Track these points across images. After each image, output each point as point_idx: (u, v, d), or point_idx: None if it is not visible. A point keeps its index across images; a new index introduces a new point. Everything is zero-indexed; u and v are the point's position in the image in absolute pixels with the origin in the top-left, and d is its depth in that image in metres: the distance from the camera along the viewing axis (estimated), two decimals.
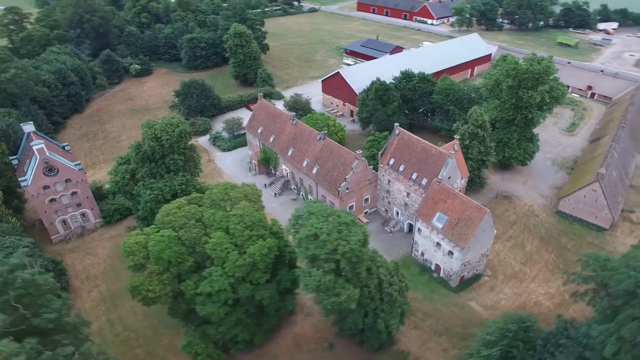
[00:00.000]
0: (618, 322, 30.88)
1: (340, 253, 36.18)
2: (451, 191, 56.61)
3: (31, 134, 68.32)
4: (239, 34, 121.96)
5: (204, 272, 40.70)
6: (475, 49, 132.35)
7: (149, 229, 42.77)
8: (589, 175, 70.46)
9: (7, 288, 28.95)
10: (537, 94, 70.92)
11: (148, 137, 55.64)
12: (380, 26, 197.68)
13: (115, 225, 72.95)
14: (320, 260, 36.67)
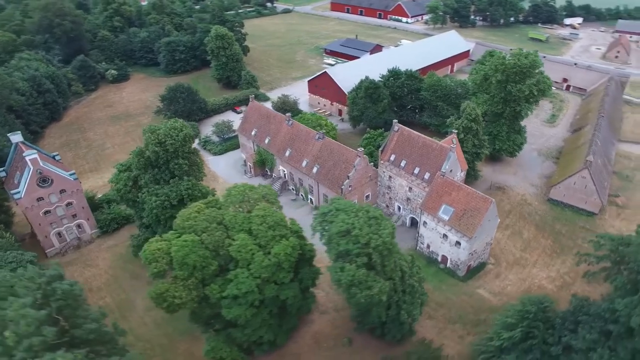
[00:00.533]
0: None
1: (373, 247, 37.26)
2: (456, 184, 58.76)
3: (20, 144, 66.01)
4: (220, 36, 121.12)
5: (228, 274, 40.81)
6: (454, 45, 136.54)
7: (169, 234, 42.47)
8: (577, 164, 74.49)
9: (49, 300, 28.32)
10: (525, 87, 74.39)
11: (151, 143, 54.81)
12: (356, 25, 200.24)
13: (112, 235, 71.45)
14: (352, 255, 37.62)
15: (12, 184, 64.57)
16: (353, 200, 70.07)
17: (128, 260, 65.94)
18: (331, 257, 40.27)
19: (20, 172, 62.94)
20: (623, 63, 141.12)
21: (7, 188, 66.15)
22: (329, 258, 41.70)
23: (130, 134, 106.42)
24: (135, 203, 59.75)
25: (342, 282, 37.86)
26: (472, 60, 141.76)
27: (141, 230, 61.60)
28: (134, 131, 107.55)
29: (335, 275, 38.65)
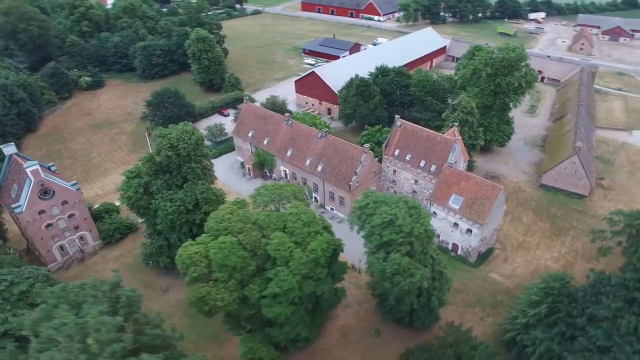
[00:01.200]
0: None
1: (415, 235, 39.03)
2: (464, 173, 61.66)
3: (14, 156, 63.52)
4: (201, 39, 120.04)
5: (268, 273, 41.44)
6: (431, 42, 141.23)
7: (203, 237, 42.54)
8: (565, 150, 79.47)
9: (116, 307, 28.11)
10: (514, 80, 78.67)
11: (164, 147, 54.32)
12: (330, 25, 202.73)
13: (116, 246, 69.89)
14: (395, 245, 39.20)
15: (9, 197, 62.11)
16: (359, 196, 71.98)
17: (138, 270, 64.82)
18: (371, 249, 41.66)
19: (19, 184, 60.63)
20: (588, 54, 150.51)
21: (2, 203, 63.50)
22: (366, 250, 43.12)
23: (115, 141, 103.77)
24: (147, 210, 58.87)
25: (387, 271, 39.35)
26: (449, 56, 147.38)
27: (153, 238, 60.67)
28: (119, 139, 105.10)
29: (378, 266, 40.09)
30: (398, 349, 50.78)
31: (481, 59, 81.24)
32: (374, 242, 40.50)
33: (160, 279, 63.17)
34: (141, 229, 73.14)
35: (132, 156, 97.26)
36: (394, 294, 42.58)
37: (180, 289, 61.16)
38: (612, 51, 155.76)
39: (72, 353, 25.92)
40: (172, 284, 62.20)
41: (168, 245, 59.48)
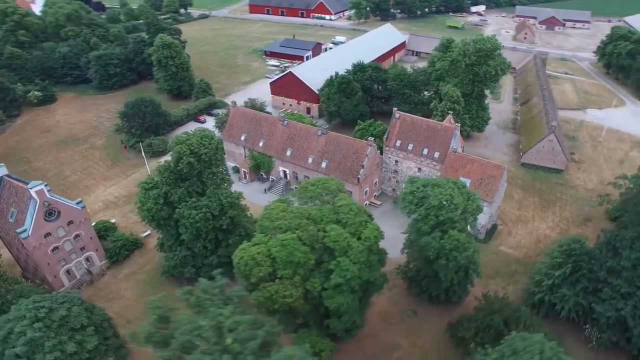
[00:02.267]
0: None
1: (470, 211, 42.71)
2: (468, 157, 66.93)
3: (5, 179, 59.59)
4: (167, 45, 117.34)
5: (328, 265, 43.22)
6: (392, 38, 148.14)
7: (260, 237, 43.31)
8: (540, 130, 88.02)
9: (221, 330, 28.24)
10: (491, 68, 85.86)
11: (185, 154, 53.92)
12: (283, 26, 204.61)
13: (124, 263, 67.54)
14: (450, 223, 42.65)
15: (5, 223, 58.19)
16: (366, 189, 75.35)
17: (156, 285, 63.16)
18: (425, 230, 44.73)
19: (19, 207, 57.05)
20: (531, 43, 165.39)
21: None
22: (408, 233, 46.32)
23: (89, 158, 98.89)
24: (166, 221, 57.88)
25: (446, 247, 42.78)
26: (408, 50, 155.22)
27: (174, 250, 59.62)
28: (92, 154, 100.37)
29: (436, 244, 43.37)
30: (438, 326, 54.58)
31: (459, 50, 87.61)
32: (429, 223, 43.69)
33: (174, 284, 62.07)
34: (147, 244, 71.43)
35: (113, 171, 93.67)
36: (448, 269, 46.14)
37: None
38: (550, 39, 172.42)
39: (214, 355, 26.40)
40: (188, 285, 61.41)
41: (192, 255, 58.89)
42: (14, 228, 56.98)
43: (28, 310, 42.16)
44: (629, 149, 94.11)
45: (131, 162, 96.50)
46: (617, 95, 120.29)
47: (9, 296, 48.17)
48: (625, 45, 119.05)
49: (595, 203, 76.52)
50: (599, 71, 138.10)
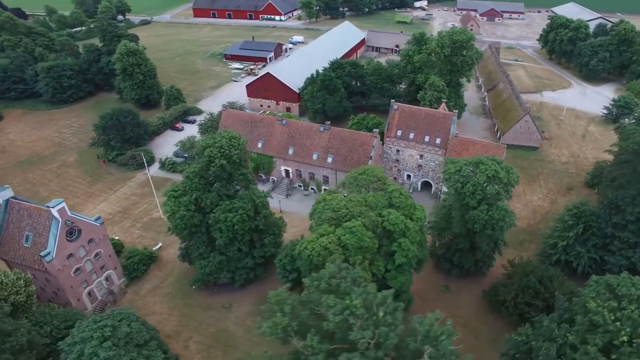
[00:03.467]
0: None
1: (511, 183, 47.71)
2: (470, 140, 72.98)
3: (11, 201, 56.08)
4: (132, 53, 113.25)
5: (389, 248, 46.21)
6: (353, 35, 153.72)
7: (326, 227, 45.18)
8: (514, 112, 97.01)
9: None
10: (468, 58, 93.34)
11: (216, 157, 54.14)
12: (234, 29, 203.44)
13: (143, 279, 65.76)
14: (495, 195, 47.48)
15: (19, 248, 54.79)
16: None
17: (185, 297, 62.54)
18: (472, 204, 49.02)
19: (35, 230, 53.99)
20: (477, 34, 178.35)
21: (7, 257, 55.59)
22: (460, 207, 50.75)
23: (64, 176, 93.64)
24: (198, 228, 57.57)
25: (495, 218, 47.53)
26: (368, 47, 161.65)
27: (206, 256, 59.27)
28: (66, 172, 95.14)
29: (484, 216, 47.90)
30: (472, 296, 59.65)
31: (437, 43, 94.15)
32: (476, 197, 48.12)
33: (216, 298, 62.05)
34: (162, 257, 69.91)
35: (97, 187, 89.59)
36: (491, 239, 51.03)
37: (241, 301, 61.54)
38: (493, 30, 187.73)
39: (369, 329, 28.34)
40: (230, 299, 61.71)
41: (227, 260, 59.05)
42: (31, 252, 53.95)
43: (93, 330, 40.92)
44: (586, 125, 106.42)
45: (115, 176, 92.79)
46: (564, 78, 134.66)
47: (56, 321, 45.97)
48: (566, 33, 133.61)
49: (573, 174, 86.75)
50: (543, 57, 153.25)
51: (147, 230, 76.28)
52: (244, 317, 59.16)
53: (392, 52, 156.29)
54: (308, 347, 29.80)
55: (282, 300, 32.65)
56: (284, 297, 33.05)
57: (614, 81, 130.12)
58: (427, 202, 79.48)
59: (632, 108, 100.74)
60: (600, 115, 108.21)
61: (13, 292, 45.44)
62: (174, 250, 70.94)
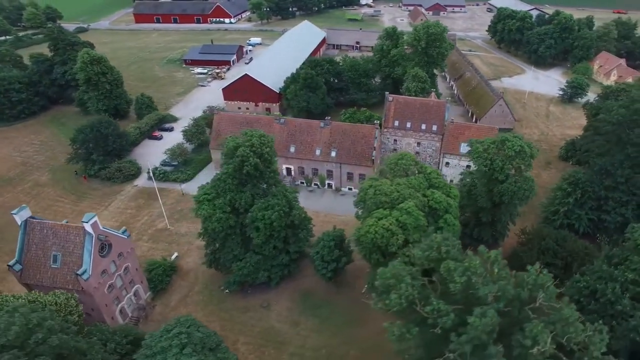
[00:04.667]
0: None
1: (533, 156, 53.51)
2: (465, 124, 79.14)
3: (30, 221, 53.17)
4: (96, 61, 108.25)
5: (439, 223, 49.95)
6: (314, 34, 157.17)
7: (381, 211, 47.82)
8: (486, 98, 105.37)
9: None
10: (443, 49, 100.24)
11: (250, 156, 54.84)
12: (183, 33, 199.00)
13: (168, 291, 64.39)
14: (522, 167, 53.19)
15: (47, 269, 52.06)
16: (375, 169, 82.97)
17: (218, 302, 62.39)
18: (501, 178, 53.98)
19: (64, 249, 51.56)
20: None
21: (31, 280, 52.57)
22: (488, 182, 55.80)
23: (41, 196, 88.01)
24: (233, 229, 57.80)
25: (522, 188, 53.11)
26: (329, 45, 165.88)
27: (243, 256, 59.49)
28: (44, 192, 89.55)
29: (512, 188, 53.23)
30: None
31: (415, 36, 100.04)
32: (505, 172, 53.35)
33: (251, 299, 62.43)
34: (180, 266, 68.65)
35: (84, 205, 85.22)
36: (516, 210, 56.85)
37: (277, 299, 62.59)
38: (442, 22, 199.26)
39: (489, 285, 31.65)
40: (266, 298, 62.46)
41: (263, 259, 59.80)
42: (62, 272, 51.52)
43: (170, 339, 40.65)
44: (547, 105, 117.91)
45: (101, 191, 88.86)
46: (516, 64, 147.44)
47: (117, 337, 44.70)
48: (514, 23, 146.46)
49: (547, 150, 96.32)
50: (492, 46, 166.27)
51: (156, 242, 74.34)
52: (285, 313, 60.25)
53: (353, 49, 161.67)
54: (434, 310, 32.51)
55: (398, 274, 35.10)
56: (398, 270, 35.49)
57: (559, 65, 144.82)
58: None
59: (584, 88, 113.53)
60: (557, 96, 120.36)
61: (67, 313, 43.60)
62: (193, 259, 70.39)
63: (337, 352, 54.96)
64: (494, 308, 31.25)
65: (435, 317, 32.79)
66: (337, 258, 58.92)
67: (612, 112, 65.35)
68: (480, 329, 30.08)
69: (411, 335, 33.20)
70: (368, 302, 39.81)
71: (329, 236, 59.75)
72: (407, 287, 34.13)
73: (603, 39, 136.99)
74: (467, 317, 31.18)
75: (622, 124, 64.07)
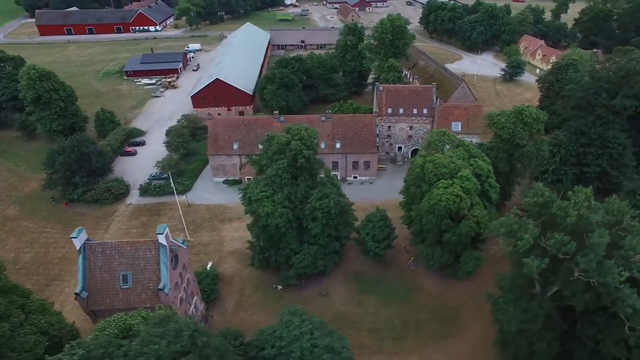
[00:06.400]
0: None
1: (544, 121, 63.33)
2: (453, 105, 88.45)
3: (88, 244, 50.64)
4: (45, 77, 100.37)
5: (485, 187, 57.35)
6: (261, 35, 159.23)
7: (444, 181, 53.70)
8: (447, 83, 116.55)
9: None
10: (407, 40, 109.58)
11: (302, 149, 57.53)
12: (107, 44, 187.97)
13: (218, 299, 64.20)
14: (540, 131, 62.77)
15: (115, 291, 50.06)
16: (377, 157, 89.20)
17: (276, 300, 63.68)
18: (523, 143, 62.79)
19: (134, 267, 49.97)
20: (358, 23, 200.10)
21: (104, 306, 50.18)
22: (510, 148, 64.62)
23: (20, 231, 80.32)
24: (290, 223, 59.82)
25: (542, 149, 62.69)
26: (274, 45, 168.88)
27: (299, 249, 61.52)
28: (23, 226, 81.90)
29: (532, 150, 62.46)
30: None
31: (383, 29, 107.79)
32: (525, 137, 62.53)
33: (306, 291, 64.79)
34: (223, 273, 68.45)
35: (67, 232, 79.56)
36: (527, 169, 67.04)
37: (332, 285, 65.90)
38: (370, 18, 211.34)
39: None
40: (321, 287, 65.27)
41: (319, 248, 62.47)
42: (136, 292, 49.92)
43: (297, 327, 43.15)
44: (493, 85, 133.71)
45: (90, 215, 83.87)
46: (452, 51, 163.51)
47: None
48: (446, 13, 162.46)
49: None
50: (425, 36, 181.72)
51: None
52: (346, 297, 63.76)
53: (298, 48, 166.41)
54: (556, 242, 38.93)
55: (519, 221, 41.37)
56: (513, 219, 41.68)
57: (490, 49, 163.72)
58: None
59: (522, 67, 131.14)
60: (499, 76, 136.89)
61: None
62: (230, 264, 70.67)
63: (409, 319, 60.05)
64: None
65: (557, 247, 39.42)
66: (387, 236, 63.93)
67: (580, 82, 78.61)
68: (601, 246, 37.49)
69: (545, 265, 39.51)
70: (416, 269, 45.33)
71: (377, 217, 64.52)
72: (533, 227, 40.55)
73: (522, 24, 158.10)
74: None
75: (588, 90, 77.47)
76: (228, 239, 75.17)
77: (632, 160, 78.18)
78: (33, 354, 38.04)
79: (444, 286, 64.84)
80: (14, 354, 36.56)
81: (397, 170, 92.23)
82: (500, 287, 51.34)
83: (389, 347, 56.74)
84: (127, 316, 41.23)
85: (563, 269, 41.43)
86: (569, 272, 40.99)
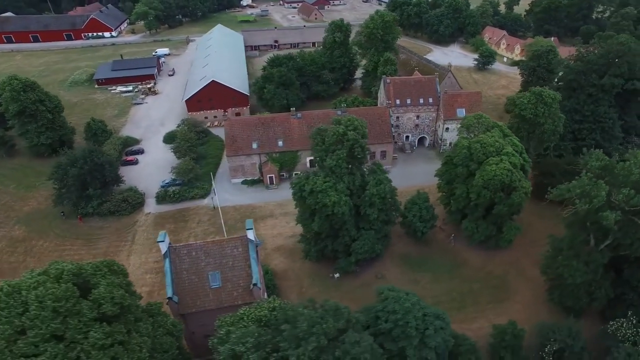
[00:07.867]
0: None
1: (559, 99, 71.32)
2: (456, 93, 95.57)
3: (172, 247, 51.12)
4: (29, 87, 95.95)
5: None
6: (234, 36, 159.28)
7: (492, 159, 59.53)
8: (433, 73, 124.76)
9: None
10: (396, 34, 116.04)
11: (357, 139, 61.02)
12: (60, 52, 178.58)
13: (280, 293, 65.64)
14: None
15: (207, 292, 50.95)
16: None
17: (335, 288, 66.42)
18: (543, 122, 70.26)
19: (222, 266, 51.04)
20: (321, 21, 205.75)
21: (195, 308, 50.75)
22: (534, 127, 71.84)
23: (34, 250, 76.59)
24: (351, 211, 63.04)
25: (559, 125, 70.49)
26: (247, 46, 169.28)
27: (358, 236, 64.77)
28: (37, 246, 78.35)
29: (552, 127, 70.15)
30: None
31: (375, 24, 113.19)
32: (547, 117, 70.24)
33: (361, 276, 67.76)
34: (275, 269, 70.03)
35: (101, 244, 78.51)
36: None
37: (385, 267, 70.04)
38: (332, 16, 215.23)
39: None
40: (374, 271, 68.93)
41: (375, 232, 66.14)
42: (227, 290, 51.08)
43: (407, 299, 46.58)
44: (469, 74, 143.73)
45: (111, 227, 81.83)
46: (421, 45, 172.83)
47: None
48: (412, 8, 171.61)
49: (492, 108, 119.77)
50: None
51: None
52: (400, 277, 67.81)
53: (272, 48, 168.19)
54: (625, 196, 45.48)
55: (589, 182, 47.69)
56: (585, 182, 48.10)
57: (456, 41, 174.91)
58: (428, 152, 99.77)
59: (493, 57, 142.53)
60: (472, 66, 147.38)
61: None
62: (279, 260, 72.49)
63: (464, 289, 65.49)
64: None
65: (626, 201, 46.19)
66: (432, 216, 69.14)
67: (571, 66, 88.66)
68: None
69: (619, 217, 46.18)
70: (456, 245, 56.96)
71: (421, 199, 69.47)
72: (605, 186, 47.05)
73: (483, 16, 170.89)
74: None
75: (579, 73, 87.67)
76: (268, 236, 76.55)
77: (620, 132, 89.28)
78: (170, 354, 38.67)
79: (485, 258, 71.06)
80: (158, 355, 37.09)
81: (407, 158, 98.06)
82: (553, 248, 58.03)
83: (454, 316, 61.07)
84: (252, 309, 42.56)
85: (626, 220, 48.38)
86: (631, 223, 48.11)
